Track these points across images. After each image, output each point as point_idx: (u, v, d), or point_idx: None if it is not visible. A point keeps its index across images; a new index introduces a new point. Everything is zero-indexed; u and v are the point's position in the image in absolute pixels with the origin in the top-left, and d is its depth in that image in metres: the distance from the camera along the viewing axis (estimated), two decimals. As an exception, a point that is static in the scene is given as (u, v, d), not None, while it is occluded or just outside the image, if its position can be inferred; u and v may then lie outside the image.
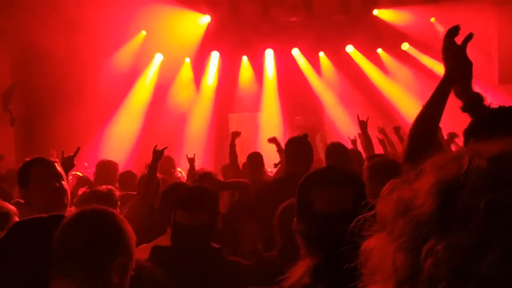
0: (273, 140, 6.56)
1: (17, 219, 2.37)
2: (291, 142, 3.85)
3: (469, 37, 1.86)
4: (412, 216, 0.65)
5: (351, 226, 1.29)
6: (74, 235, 1.42)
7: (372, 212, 0.77)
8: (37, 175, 2.75)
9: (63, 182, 2.81)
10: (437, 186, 0.64)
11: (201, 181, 3.81)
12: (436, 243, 0.60)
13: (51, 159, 2.88)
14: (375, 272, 0.70)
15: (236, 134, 6.27)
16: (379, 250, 0.70)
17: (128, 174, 5.14)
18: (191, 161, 5.90)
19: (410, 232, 0.64)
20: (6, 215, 2.38)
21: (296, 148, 3.74)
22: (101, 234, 1.43)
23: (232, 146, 6.05)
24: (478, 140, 0.69)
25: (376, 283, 0.69)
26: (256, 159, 5.58)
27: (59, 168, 2.84)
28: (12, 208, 2.48)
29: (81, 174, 6.35)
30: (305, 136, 3.90)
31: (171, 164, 6.00)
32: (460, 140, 6.93)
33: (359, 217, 0.83)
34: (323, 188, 1.53)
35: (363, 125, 5.46)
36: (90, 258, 1.38)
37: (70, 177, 5.95)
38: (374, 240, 0.72)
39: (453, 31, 1.86)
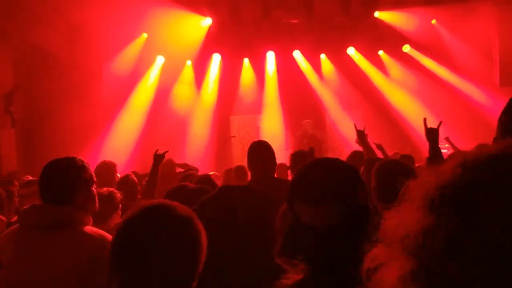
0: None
1: None
2: (252, 147, 3.81)
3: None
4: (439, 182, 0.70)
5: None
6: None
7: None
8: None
9: None
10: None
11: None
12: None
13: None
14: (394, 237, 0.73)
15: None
16: (401, 217, 0.73)
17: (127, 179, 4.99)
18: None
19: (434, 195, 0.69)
20: None
21: (257, 153, 3.73)
22: None
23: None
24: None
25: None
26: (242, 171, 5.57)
27: None
28: None
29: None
30: (264, 141, 3.89)
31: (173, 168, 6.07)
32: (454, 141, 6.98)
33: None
34: (305, 202, 1.43)
35: (361, 135, 4.95)
36: None
37: None
38: (395, 212, 0.76)
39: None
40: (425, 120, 3.80)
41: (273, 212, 1.63)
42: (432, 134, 3.63)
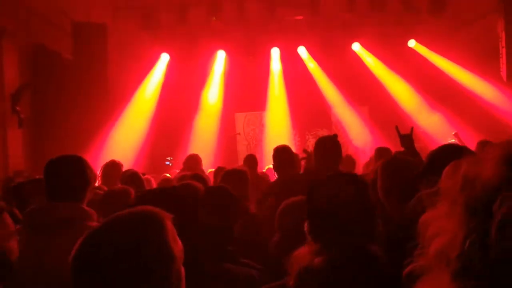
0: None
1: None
2: (319, 141, 4.11)
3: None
4: (481, 184, 0.70)
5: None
6: None
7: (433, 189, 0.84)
8: None
9: None
10: (506, 157, 0.70)
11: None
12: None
13: None
14: (435, 237, 0.75)
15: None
16: (441, 219, 0.75)
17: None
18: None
19: (479, 195, 0.69)
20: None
21: (323, 147, 4.00)
22: None
23: None
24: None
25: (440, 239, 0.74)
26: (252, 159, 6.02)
27: None
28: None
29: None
30: (335, 136, 4.02)
31: (196, 161, 6.23)
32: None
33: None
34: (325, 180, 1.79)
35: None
36: None
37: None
38: (434, 211, 0.78)
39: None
40: (397, 127, 3.83)
41: None
42: (406, 141, 3.71)
